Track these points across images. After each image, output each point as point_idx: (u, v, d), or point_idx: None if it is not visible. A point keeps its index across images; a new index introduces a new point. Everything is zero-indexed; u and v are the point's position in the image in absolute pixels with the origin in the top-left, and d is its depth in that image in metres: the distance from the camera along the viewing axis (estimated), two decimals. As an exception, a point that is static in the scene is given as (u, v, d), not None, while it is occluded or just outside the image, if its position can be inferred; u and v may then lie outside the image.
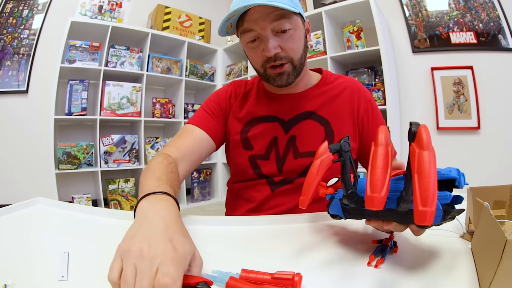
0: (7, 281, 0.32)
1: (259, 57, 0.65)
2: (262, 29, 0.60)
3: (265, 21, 0.60)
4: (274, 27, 0.60)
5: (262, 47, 0.63)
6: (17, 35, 2.21)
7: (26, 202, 0.61)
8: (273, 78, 0.66)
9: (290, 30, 0.62)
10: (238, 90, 0.78)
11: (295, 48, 0.64)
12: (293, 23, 0.62)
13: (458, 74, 1.95)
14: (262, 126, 0.72)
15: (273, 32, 0.61)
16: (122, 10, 2.30)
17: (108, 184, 2.24)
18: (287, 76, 0.65)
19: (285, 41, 0.62)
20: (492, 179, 1.77)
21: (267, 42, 0.61)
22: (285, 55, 0.63)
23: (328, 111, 0.71)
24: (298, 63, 0.65)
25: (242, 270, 0.34)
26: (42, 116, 2.16)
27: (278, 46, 0.62)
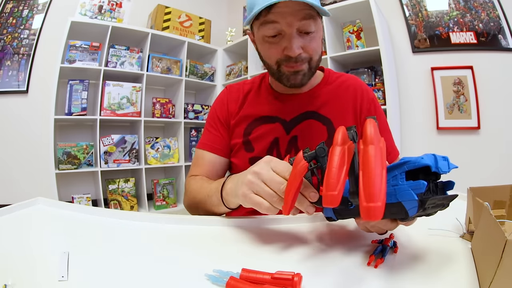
0: (7, 281, 0.32)
1: (277, 54, 0.62)
2: (288, 25, 0.58)
3: (293, 17, 0.57)
4: (300, 27, 0.58)
5: (283, 44, 0.60)
6: (17, 35, 2.21)
7: (26, 202, 0.61)
8: (286, 76, 0.64)
9: (313, 33, 0.61)
10: (234, 95, 0.77)
11: (317, 49, 0.63)
12: (317, 25, 0.61)
13: (458, 74, 1.95)
14: (264, 127, 0.71)
15: (297, 32, 0.59)
16: (122, 10, 2.30)
17: (108, 184, 2.24)
18: (302, 76, 0.64)
19: (309, 42, 0.61)
20: (492, 179, 1.77)
21: (292, 41, 0.59)
22: (306, 56, 0.62)
23: (330, 110, 0.71)
24: (315, 64, 0.65)
25: (242, 270, 0.34)
26: (42, 116, 2.16)
27: (301, 47, 0.60)
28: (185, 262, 0.40)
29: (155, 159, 2.43)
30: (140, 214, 0.57)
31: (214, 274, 0.34)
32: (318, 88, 0.73)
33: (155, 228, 0.52)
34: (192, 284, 0.34)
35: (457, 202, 0.62)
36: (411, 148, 2.08)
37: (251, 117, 0.73)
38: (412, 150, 2.08)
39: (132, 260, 0.40)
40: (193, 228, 0.53)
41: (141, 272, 0.37)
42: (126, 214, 0.57)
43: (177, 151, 2.55)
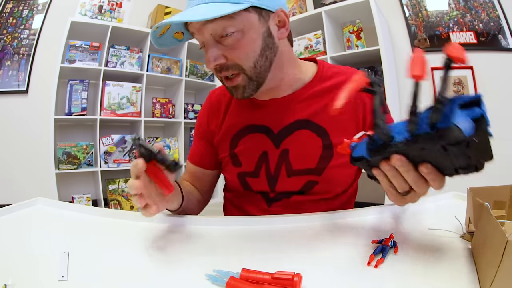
0: (7, 281, 0.32)
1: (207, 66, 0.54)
2: (199, 33, 0.51)
3: (199, 23, 0.49)
4: (213, 31, 0.49)
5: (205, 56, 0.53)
6: (17, 35, 2.21)
7: (26, 202, 0.61)
8: (230, 90, 0.56)
9: (236, 33, 0.49)
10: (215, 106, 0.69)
11: (243, 55, 0.51)
12: (239, 24, 0.49)
13: (458, 74, 1.95)
14: (250, 138, 0.63)
15: (215, 37, 0.50)
16: (122, 10, 2.30)
17: (108, 184, 2.24)
18: (242, 89, 0.54)
19: (230, 48, 0.50)
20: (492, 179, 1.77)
21: (207, 52, 0.51)
22: (232, 64, 0.51)
23: (326, 118, 0.59)
24: (253, 73, 0.52)
25: (242, 270, 0.34)
26: (42, 116, 2.16)
27: (222, 56, 0.51)
28: (185, 262, 0.40)
29: (155, 159, 2.43)
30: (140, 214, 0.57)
31: (214, 274, 0.34)
32: (307, 89, 0.61)
33: (155, 228, 0.52)
34: (192, 284, 0.34)
35: (457, 202, 0.62)
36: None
37: (235, 128, 0.65)
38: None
39: (132, 260, 0.40)
40: (193, 228, 0.53)
41: (141, 272, 0.37)
42: (126, 214, 0.57)
43: (177, 151, 2.55)
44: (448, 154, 0.32)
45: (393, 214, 0.57)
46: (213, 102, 0.71)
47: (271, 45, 0.54)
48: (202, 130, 0.72)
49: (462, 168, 0.34)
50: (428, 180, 0.35)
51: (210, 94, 0.74)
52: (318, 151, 0.59)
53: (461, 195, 0.64)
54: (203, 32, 0.50)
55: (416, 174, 0.35)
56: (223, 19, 0.47)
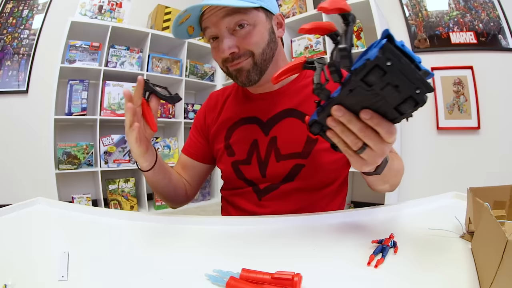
0: (7, 281, 0.32)
1: (218, 56, 0.61)
2: (215, 26, 0.57)
3: (217, 17, 0.56)
4: (229, 24, 0.56)
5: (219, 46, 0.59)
6: (17, 35, 2.21)
7: (26, 202, 0.61)
8: (235, 76, 0.62)
9: (248, 26, 0.57)
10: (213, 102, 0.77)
11: (254, 42, 0.58)
12: (251, 19, 0.57)
13: (458, 74, 1.95)
14: (242, 129, 0.70)
15: (229, 30, 0.57)
16: (122, 10, 2.30)
17: (108, 184, 2.24)
18: (247, 73, 0.61)
19: (243, 38, 0.58)
20: (492, 179, 1.77)
21: (222, 42, 0.58)
22: (244, 52, 0.59)
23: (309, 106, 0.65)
24: (260, 58, 0.60)
25: (242, 270, 0.34)
26: (42, 116, 2.16)
27: (235, 46, 0.58)
28: (185, 262, 0.40)
29: (155, 159, 2.43)
30: (140, 214, 0.57)
31: (214, 274, 0.34)
32: (294, 83, 0.69)
33: (155, 228, 0.52)
34: (192, 284, 0.34)
35: (457, 202, 0.62)
36: (411, 148, 2.08)
37: (230, 121, 0.72)
38: (412, 150, 2.08)
39: (132, 260, 0.40)
40: (193, 228, 0.53)
41: (141, 272, 0.37)
42: (126, 214, 0.57)
43: (177, 151, 2.55)
44: (379, 94, 0.33)
45: (393, 214, 0.57)
46: (212, 100, 0.79)
47: (274, 39, 0.63)
48: (199, 125, 0.79)
49: (401, 106, 0.35)
50: (373, 126, 0.36)
51: (210, 95, 0.82)
52: (304, 136, 0.65)
53: (461, 195, 0.64)
54: (219, 25, 0.57)
55: (361, 124, 0.37)
56: (239, 13, 0.56)
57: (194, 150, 0.78)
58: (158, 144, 2.48)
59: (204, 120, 0.77)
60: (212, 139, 0.75)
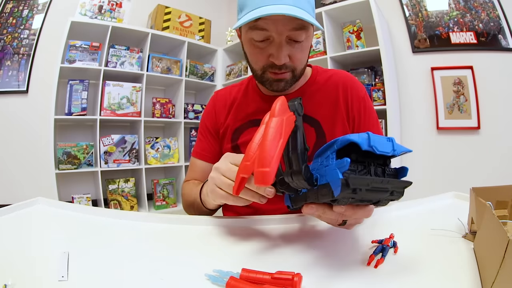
0: (7, 281, 0.32)
1: (263, 59, 0.61)
2: (279, 33, 0.56)
3: (284, 27, 0.55)
4: (291, 36, 0.57)
5: (271, 51, 0.58)
6: (17, 35, 2.21)
7: (26, 202, 0.61)
8: (270, 82, 0.63)
9: (303, 42, 0.59)
10: (221, 102, 0.76)
11: (303, 59, 0.62)
12: (308, 35, 0.59)
13: (458, 74, 1.95)
14: (251, 131, 0.70)
15: (287, 39, 0.57)
16: (122, 10, 2.30)
17: (108, 184, 2.24)
18: (285, 83, 0.63)
19: (296, 51, 0.59)
20: (492, 179, 1.77)
21: (280, 50, 0.57)
22: (290, 65, 0.61)
23: (318, 111, 0.68)
24: (299, 73, 0.64)
25: (242, 270, 0.34)
26: (42, 116, 2.15)
27: (287, 56, 0.59)
28: (185, 262, 0.40)
29: (155, 159, 2.43)
30: (140, 214, 0.57)
31: (214, 274, 0.34)
32: (305, 88, 0.71)
33: (155, 228, 0.52)
34: (192, 284, 0.34)
35: (457, 202, 0.62)
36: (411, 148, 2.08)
37: (238, 121, 0.72)
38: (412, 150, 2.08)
39: (132, 260, 0.40)
40: (193, 228, 0.53)
41: (141, 272, 0.37)
42: (126, 214, 0.57)
43: (177, 151, 2.55)
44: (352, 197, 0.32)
45: (393, 214, 0.57)
46: (219, 99, 0.78)
47: (308, 56, 0.65)
48: (211, 126, 0.77)
49: (375, 202, 0.35)
50: (349, 217, 0.37)
51: (215, 94, 0.81)
52: (312, 139, 0.66)
53: (461, 195, 0.64)
54: (282, 34, 0.56)
55: (334, 213, 0.37)
56: (304, 31, 0.56)
57: (210, 153, 0.77)
58: (158, 144, 2.48)
59: (216, 119, 0.76)
60: (221, 137, 0.75)
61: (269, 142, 0.30)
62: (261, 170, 0.29)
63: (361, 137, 0.30)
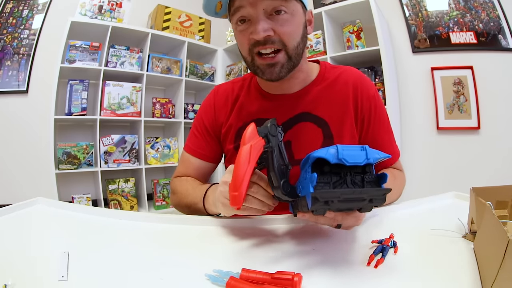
0: (7, 281, 0.32)
1: (246, 42, 0.56)
2: (252, 6, 0.53)
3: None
4: (267, 7, 0.53)
5: (251, 29, 0.55)
6: (17, 35, 2.21)
7: (26, 202, 0.61)
8: (261, 70, 0.58)
9: (286, 14, 0.54)
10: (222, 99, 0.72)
11: (291, 32, 0.55)
12: (290, 7, 0.55)
13: (458, 74, 1.95)
14: None
15: (266, 14, 0.54)
16: (122, 10, 2.30)
17: (108, 184, 2.24)
18: (280, 67, 0.57)
19: (280, 24, 0.54)
20: (492, 179, 1.77)
21: (257, 23, 0.53)
22: (277, 40, 0.55)
23: (325, 110, 0.64)
24: (294, 53, 0.57)
25: (242, 270, 0.34)
26: (42, 116, 2.15)
27: (270, 29, 0.54)
28: (185, 262, 0.40)
29: (155, 159, 2.43)
30: (140, 214, 0.57)
31: (214, 274, 0.34)
32: (313, 86, 0.66)
33: (155, 228, 0.52)
34: (192, 284, 0.34)
35: (457, 202, 0.62)
36: (411, 148, 2.08)
37: (241, 121, 0.68)
38: (412, 150, 2.08)
39: (132, 260, 0.40)
40: (193, 228, 0.53)
41: (141, 272, 0.37)
42: (126, 214, 0.57)
43: (177, 151, 2.54)
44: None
45: (393, 214, 0.57)
46: (220, 96, 0.73)
47: (305, 35, 0.60)
48: (208, 123, 0.73)
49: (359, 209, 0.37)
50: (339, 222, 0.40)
51: (216, 89, 0.76)
52: (320, 140, 0.64)
53: (461, 195, 0.64)
54: (256, 5, 0.53)
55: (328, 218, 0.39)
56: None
57: (206, 151, 0.73)
58: (158, 144, 2.48)
59: (215, 117, 0.72)
60: (223, 138, 0.71)
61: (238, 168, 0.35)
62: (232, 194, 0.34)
63: (328, 152, 0.33)
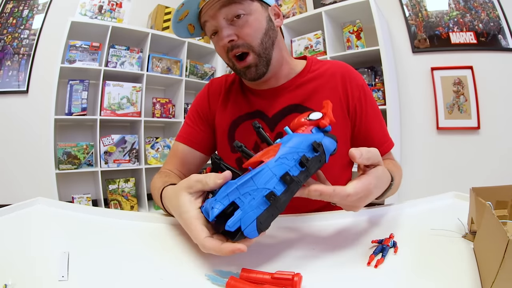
0: (7, 281, 0.32)
1: (221, 51, 0.62)
2: (213, 18, 0.59)
3: (214, 9, 0.58)
4: (226, 15, 0.58)
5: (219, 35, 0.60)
6: (17, 35, 2.21)
7: (26, 202, 0.61)
8: (243, 72, 0.63)
9: (245, 16, 0.59)
10: (217, 89, 0.75)
11: (252, 33, 0.60)
12: (247, 8, 0.59)
13: (458, 74, 1.95)
14: (246, 125, 0.69)
15: (227, 21, 0.59)
16: (122, 10, 2.30)
17: (108, 184, 2.24)
18: (255, 67, 0.61)
19: (240, 27, 0.59)
20: (492, 179, 1.77)
21: (220, 31, 0.59)
22: (242, 43, 0.59)
23: (316, 102, 0.65)
24: (261, 49, 0.61)
25: (242, 270, 0.34)
26: (42, 116, 2.15)
27: (234, 34, 0.59)
28: (185, 262, 0.40)
29: (155, 159, 2.43)
30: (140, 214, 0.57)
31: (214, 274, 0.34)
32: (298, 78, 0.69)
33: (155, 228, 0.52)
34: (192, 284, 0.34)
35: (457, 202, 0.62)
36: (411, 148, 2.08)
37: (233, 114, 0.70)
38: (412, 150, 2.08)
39: (132, 260, 0.40)
40: (193, 228, 0.52)
41: (141, 272, 0.37)
42: (126, 214, 0.57)
43: (177, 151, 2.55)
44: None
45: (393, 214, 0.57)
46: (215, 86, 0.76)
47: (272, 27, 0.63)
48: (202, 111, 0.74)
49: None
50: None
51: (210, 81, 0.79)
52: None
53: (461, 195, 0.64)
54: (217, 17, 0.59)
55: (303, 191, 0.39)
56: (235, 4, 0.58)
57: (196, 139, 0.73)
58: (158, 144, 2.48)
59: (209, 107, 0.74)
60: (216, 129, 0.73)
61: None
62: None
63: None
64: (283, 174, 0.35)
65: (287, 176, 0.34)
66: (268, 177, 0.34)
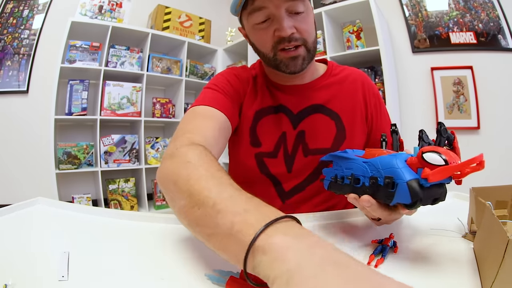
0: (7, 281, 0.32)
1: (269, 39, 0.60)
2: (276, 7, 0.56)
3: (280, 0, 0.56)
4: (288, 7, 0.57)
5: (274, 27, 0.58)
6: (17, 35, 2.21)
7: (26, 202, 0.61)
8: (285, 63, 0.61)
9: (303, 13, 0.59)
10: (246, 76, 0.70)
11: (310, 30, 0.61)
12: (306, 6, 0.60)
13: (458, 74, 1.95)
14: (270, 118, 0.67)
15: (287, 12, 0.58)
16: (122, 10, 2.30)
17: (108, 184, 2.24)
18: (302, 60, 0.61)
19: (299, 22, 0.59)
20: (492, 179, 1.76)
21: (282, 21, 0.57)
22: (299, 37, 0.59)
23: (338, 105, 0.68)
24: (312, 47, 0.62)
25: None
26: (42, 116, 2.15)
27: (293, 27, 0.58)
28: (185, 262, 0.40)
29: (155, 159, 2.43)
30: (140, 214, 0.57)
31: (214, 274, 0.34)
32: (321, 80, 0.70)
33: (155, 228, 0.52)
34: (192, 284, 0.34)
35: (457, 202, 0.62)
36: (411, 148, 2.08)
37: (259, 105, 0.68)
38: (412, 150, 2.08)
39: (132, 260, 0.40)
40: (193, 228, 0.52)
41: (141, 272, 0.37)
42: (126, 214, 0.57)
43: (177, 151, 2.54)
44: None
45: (393, 214, 0.57)
46: (244, 73, 0.70)
47: (315, 31, 0.65)
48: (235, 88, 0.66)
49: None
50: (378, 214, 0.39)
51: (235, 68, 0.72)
52: (333, 132, 0.66)
53: (460, 195, 0.64)
54: (280, 7, 0.57)
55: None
56: (299, 0, 0.58)
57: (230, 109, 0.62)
58: (158, 144, 2.48)
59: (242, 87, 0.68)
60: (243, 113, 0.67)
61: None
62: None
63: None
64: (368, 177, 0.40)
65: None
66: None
